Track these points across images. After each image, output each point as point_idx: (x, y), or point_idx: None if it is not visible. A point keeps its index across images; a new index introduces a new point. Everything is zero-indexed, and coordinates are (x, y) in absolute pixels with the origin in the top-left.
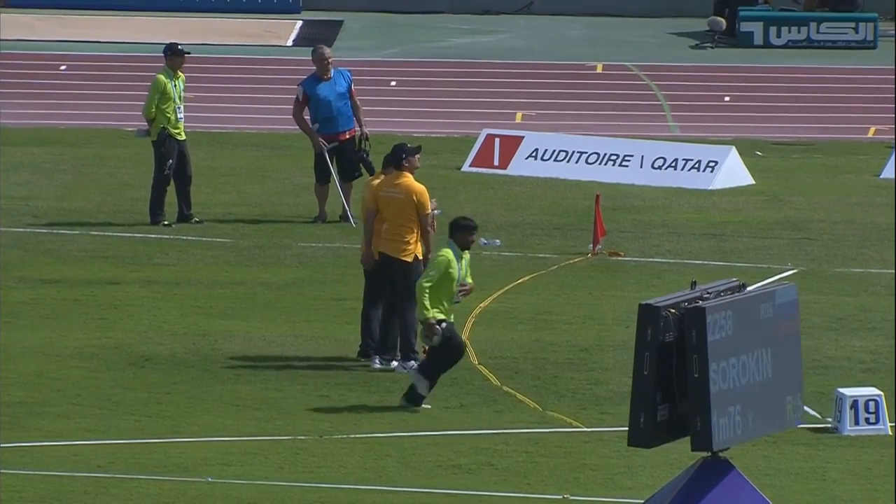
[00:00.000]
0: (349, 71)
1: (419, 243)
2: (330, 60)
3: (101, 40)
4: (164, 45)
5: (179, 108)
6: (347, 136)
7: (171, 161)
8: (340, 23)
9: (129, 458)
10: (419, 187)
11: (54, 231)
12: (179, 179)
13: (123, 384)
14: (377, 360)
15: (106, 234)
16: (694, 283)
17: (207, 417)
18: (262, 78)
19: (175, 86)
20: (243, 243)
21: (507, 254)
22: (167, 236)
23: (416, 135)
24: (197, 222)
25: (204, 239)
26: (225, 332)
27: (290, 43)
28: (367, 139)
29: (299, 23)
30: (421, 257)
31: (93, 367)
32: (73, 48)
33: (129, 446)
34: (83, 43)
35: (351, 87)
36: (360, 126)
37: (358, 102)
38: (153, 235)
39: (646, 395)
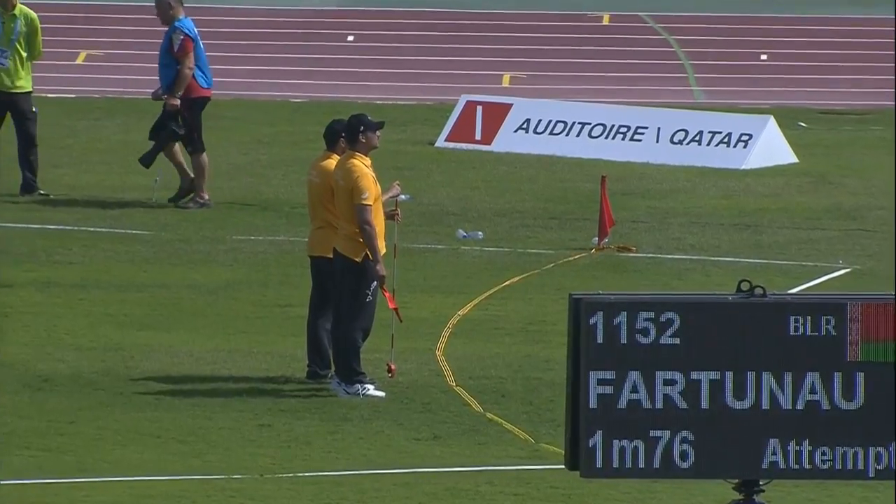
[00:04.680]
0: (186, 23)
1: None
2: (167, 6)
3: None
4: None
5: (5, 52)
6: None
7: None
8: None
9: (23, 503)
10: (344, 169)
11: None
12: (20, 140)
13: (16, 411)
14: None
15: None
16: (745, 284)
17: (120, 452)
18: None
19: (2, 24)
20: (165, 236)
21: (491, 249)
22: (70, 227)
23: (378, 102)
24: (42, 194)
25: (116, 231)
26: (142, 345)
27: None
28: (171, 114)
29: None
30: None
31: None
32: None
33: (22, 488)
34: None
35: (173, 46)
36: (168, 91)
37: (182, 69)
38: (52, 227)
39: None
